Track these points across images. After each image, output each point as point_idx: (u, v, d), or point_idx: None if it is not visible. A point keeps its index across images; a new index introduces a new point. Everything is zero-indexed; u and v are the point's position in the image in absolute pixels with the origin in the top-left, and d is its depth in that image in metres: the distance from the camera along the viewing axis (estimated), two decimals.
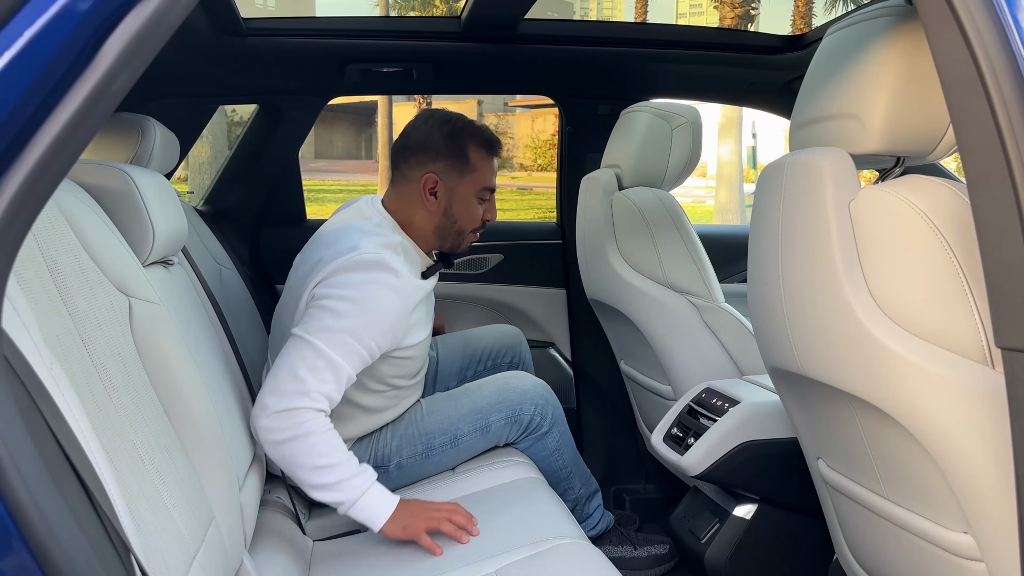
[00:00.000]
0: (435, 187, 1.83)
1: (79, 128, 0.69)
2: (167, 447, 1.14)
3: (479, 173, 1.86)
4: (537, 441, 1.92)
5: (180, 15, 0.72)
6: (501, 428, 1.88)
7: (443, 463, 1.88)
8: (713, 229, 4.69)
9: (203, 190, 2.86)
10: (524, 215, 14.46)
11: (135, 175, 1.43)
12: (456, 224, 1.86)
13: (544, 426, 1.91)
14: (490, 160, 1.88)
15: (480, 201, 1.88)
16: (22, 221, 0.68)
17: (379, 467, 1.81)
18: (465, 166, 1.84)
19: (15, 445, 0.66)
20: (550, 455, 1.94)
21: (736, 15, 13.12)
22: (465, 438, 1.87)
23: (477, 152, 1.85)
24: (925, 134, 1.13)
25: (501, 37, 2.35)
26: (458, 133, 1.84)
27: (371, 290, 1.63)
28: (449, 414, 1.89)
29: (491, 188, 1.89)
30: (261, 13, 54.55)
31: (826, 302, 1.17)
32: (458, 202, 1.85)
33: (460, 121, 1.87)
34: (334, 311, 1.60)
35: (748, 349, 2.07)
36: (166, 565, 0.98)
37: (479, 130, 1.88)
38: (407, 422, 1.89)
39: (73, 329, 1.00)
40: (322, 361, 1.57)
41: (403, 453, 1.85)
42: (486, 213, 1.90)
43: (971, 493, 1.06)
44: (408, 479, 1.86)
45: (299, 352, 1.58)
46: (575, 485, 1.99)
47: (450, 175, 1.83)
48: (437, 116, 1.88)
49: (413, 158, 1.85)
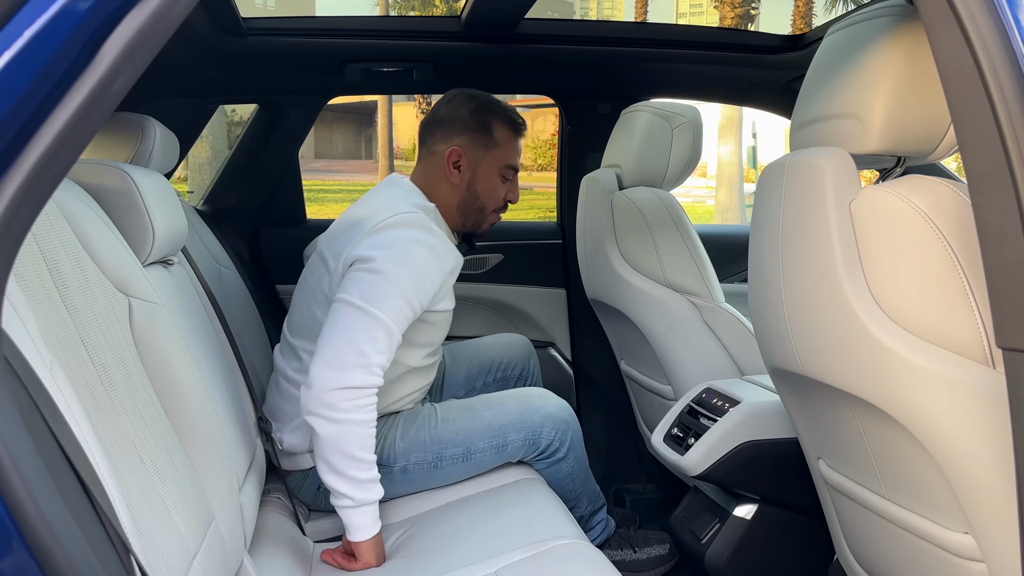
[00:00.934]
0: (459, 160, 1.86)
1: (79, 128, 0.68)
2: (167, 447, 1.14)
3: (503, 149, 1.89)
4: (552, 465, 1.87)
5: (180, 15, 0.72)
6: (517, 448, 1.82)
7: (451, 476, 1.81)
8: (713, 229, 4.69)
9: (203, 190, 2.86)
10: (524, 215, 14.45)
11: (135, 175, 1.42)
12: (479, 200, 1.89)
13: (562, 451, 1.85)
14: (515, 139, 1.92)
15: (503, 180, 1.91)
16: (22, 221, 0.68)
17: (382, 467, 1.72)
18: (489, 141, 1.88)
19: (15, 445, 0.66)
20: (563, 479, 1.89)
21: (736, 15, 13.13)
22: (479, 454, 1.80)
23: (502, 129, 1.89)
24: (926, 134, 1.13)
25: (501, 37, 2.35)
26: (484, 108, 1.89)
27: (412, 249, 1.65)
28: (465, 426, 1.81)
29: (514, 167, 1.92)
30: (261, 13, 54.43)
31: (826, 302, 1.16)
32: (482, 177, 1.88)
33: (487, 98, 1.92)
34: (382, 273, 1.60)
35: (748, 349, 2.07)
36: (166, 565, 0.98)
37: (505, 109, 1.91)
38: (419, 426, 1.81)
39: (73, 329, 1.00)
40: (381, 330, 1.57)
41: (411, 458, 1.78)
42: (508, 193, 1.94)
43: (971, 493, 1.06)
44: (410, 487, 1.80)
45: (356, 321, 1.56)
46: (582, 504, 1.96)
47: (475, 149, 1.87)
48: (465, 93, 1.93)
49: (440, 132, 1.89)
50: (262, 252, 2.68)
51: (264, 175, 2.67)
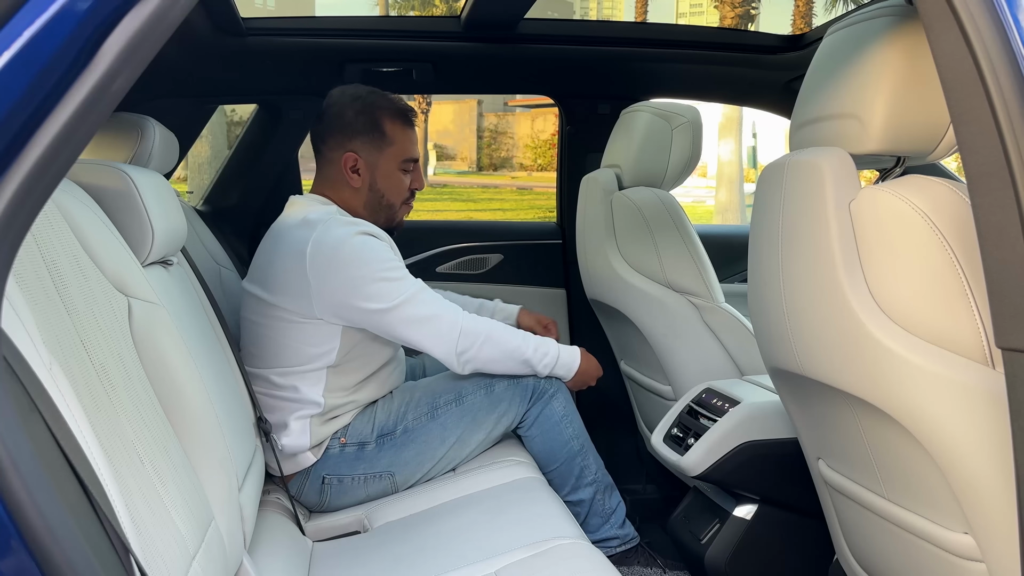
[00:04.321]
0: (356, 164, 1.86)
1: (79, 128, 0.68)
2: (167, 447, 1.14)
3: (397, 146, 1.88)
4: (545, 407, 1.88)
5: (180, 15, 0.72)
6: (505, 389, 1.86)
7: (448, 424, 1.84)
8: (713, 229, 4.69)
9: (203, 190, 2.86)
10: (524, 215, 14.46)
11: (134, 175, 1.42)
12: (384, 198, 1.90)
13: (549, 390, 1.88)
14: (407, 130, 1.90)
15: (404, 172, 1.91)
16: (21, 221, 0.68)
17: (386, 434, 1.82)
18: (383, 140, 1.87)
19: (15, 446, 0.66)
20: (559, 421, 1.89)
21: (736, 15, 13.13)
22: (470, 396, 1.86)
23: (393, 124, 1.88)
24: (925, 134, 1.13)
25: (501, 37, 2.35)
26: (370, 108, 1.86)
27: (353, 242, 1.74)
28: (453, 376, 1.89)
29: (413, 158, 1.92)
30: (261, 13, 54.38)
31: (826, 302, 1.16)
32: (382, 176, 1.88)
33: (371, 96, 1.89)
34: (365, 276, 1.72)
35: (748, 349, 2.07)
36: (165, 565, 0.98)
37: (391, 102, 1.89)
38: (412, 388, 1.92)
39: (72, 329, 1.00)
40: (424, 300, 1.75)
41: (408, 416, 1.84)
42: (413, 183, 1.94)
43: (971, 493, 1.06)
44: (414, 443, 1.83)
45: (407, 314, 1.73)
46: (591, 464, 1.92)
47: (369, 152, 1.87)
48: (348, 93, 1.90)
49: (331, 138, 1.88)
50: None
51: (264, 175, 2.67)
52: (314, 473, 1.81)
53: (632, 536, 1.97)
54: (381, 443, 1.82)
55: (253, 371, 1.83)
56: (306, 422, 1.79)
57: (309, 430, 1.79)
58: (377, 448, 1.82)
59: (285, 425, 1.79)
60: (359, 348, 1.82)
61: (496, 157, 29.15)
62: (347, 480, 1.81)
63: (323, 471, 1.81)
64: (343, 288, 1.72)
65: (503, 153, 29.28)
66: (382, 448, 1.82)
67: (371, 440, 1.82)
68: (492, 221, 9.11)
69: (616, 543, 1.94)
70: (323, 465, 1.81)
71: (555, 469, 1.89)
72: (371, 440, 1.82)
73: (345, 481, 1.81)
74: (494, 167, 28.65)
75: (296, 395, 1.79)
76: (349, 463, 1.81)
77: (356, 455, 1.81)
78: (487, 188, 21.60)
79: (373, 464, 1.82)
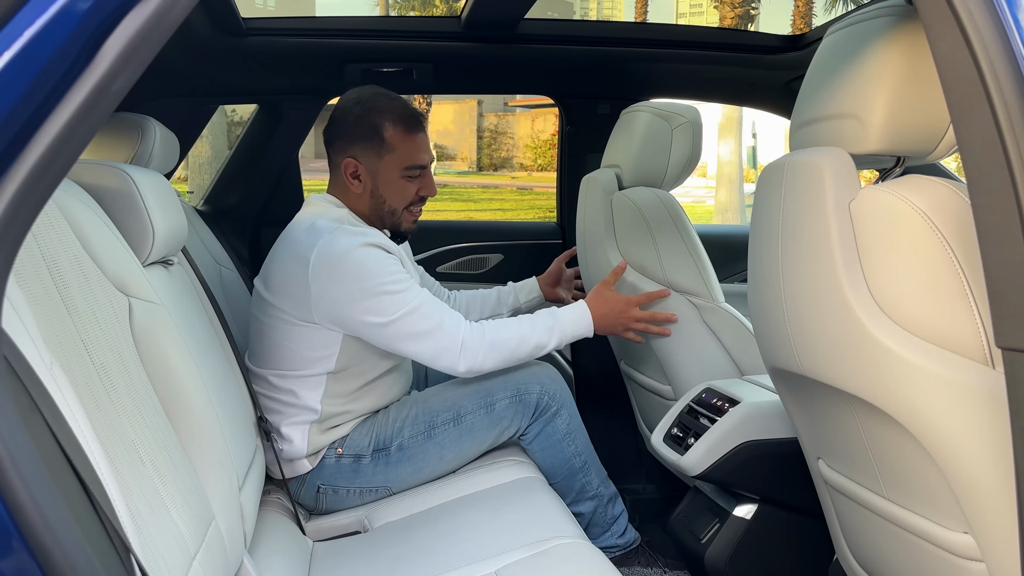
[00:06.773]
0: (356, 171, 1.80)
1: (79, 128, 0.68)
2: (167, 447, 1.14)
3: (398, 152, 1.80)
4: (547, 424, 1.85)
5: (180, 15, 0.72)
6: (506, 408, 1.82)
7: (446, 443, 1.81)
8: (713, 229, 4.69)
9: (203, 190, 2.86)
10: (524, 215, 14.46)
11: (135, 175, 1.42)
12: (387, 204, 1.83)
13: (553, 406, 1.84)
14: (411, 136, 1.81)
15: (409, 179, 1.83)
16: (22, 221, 0.68)
17: (381, 449, 1.79)
18: (382, 146, 1.79)
19: (15, 445, 0.66)
20: (562, 439, 1.86)
21: (736, 15, 13.14)
22: (469, 416, 1.81)
23: (393, 130, 1.79)
24: (925, 134, 1.13)
25: (501, 37, 2.35)
26: (370, 112, 1.79)
27: (358, 253, 1.70)
28: (453, 392, 1.85)
29: (419, 165, 1.83)
30: (261, 13, 54.39)
31: (826, 302, 1.17)
32: (384, 183, 1.81)
33: (374, 99, 1.81)
34: (354, 276, 1.68)
35: (748, 349, 2.07)
36: (166, 565, 0.98)
37: (394, 106, 1.80)
38: (411, 403, 1.86)
39: (73, 329, 1.00)
40: (424, 314, 1.70)
41: (405, 433, 1.80)
42: (421, 189, 1.85)
43: (971, 493, 1.06)
44: (409, 465, 1.81)
45: (407, 328, 1.70)
46: (593, 480, 1.90)
47: (368, 158, 1.80)
48: (352, 97, 1.83)
49: (335, 142, 1.83)
50: (262, 252, 2.67)
51: (264, 175, 2.67)
52: (309, 481, 1.80)
53: (632, 541, 1.98)
54: (377, 458, 1.80)
55: (255, 370, 1.83)
56: (304, 429, 1.78)
57: (307, 437, 1.78)
58: (373, 463, 1.80)
59: (282, 430, 1.79)
60: (360, 355, 1.79)
61: (496, 157, 29.13)
62: (342, 491, 1.81)
63: (318, 480, 1.80)
64: (342, 299, 1.70)
65: (503, 153, 29.26)
66: (378, 463, 1.80)
67: (367, 453, 1.80)
68: (492, 221, 9.11)
69: (616, 551, 1.94)
70: (318, 474, 1.80)
71: (555, 483, 1.86)
72: (367, 453, 1.80)
73: (340, 492, 1.81)
74: (494, 167, 28.64)
75: (294, 400, 1.78)
76: (345, 475, 1.80)
77: (352, 467, 1.80)
78: (487, 188, 21.59)
79: (369, 479, 1.80)
